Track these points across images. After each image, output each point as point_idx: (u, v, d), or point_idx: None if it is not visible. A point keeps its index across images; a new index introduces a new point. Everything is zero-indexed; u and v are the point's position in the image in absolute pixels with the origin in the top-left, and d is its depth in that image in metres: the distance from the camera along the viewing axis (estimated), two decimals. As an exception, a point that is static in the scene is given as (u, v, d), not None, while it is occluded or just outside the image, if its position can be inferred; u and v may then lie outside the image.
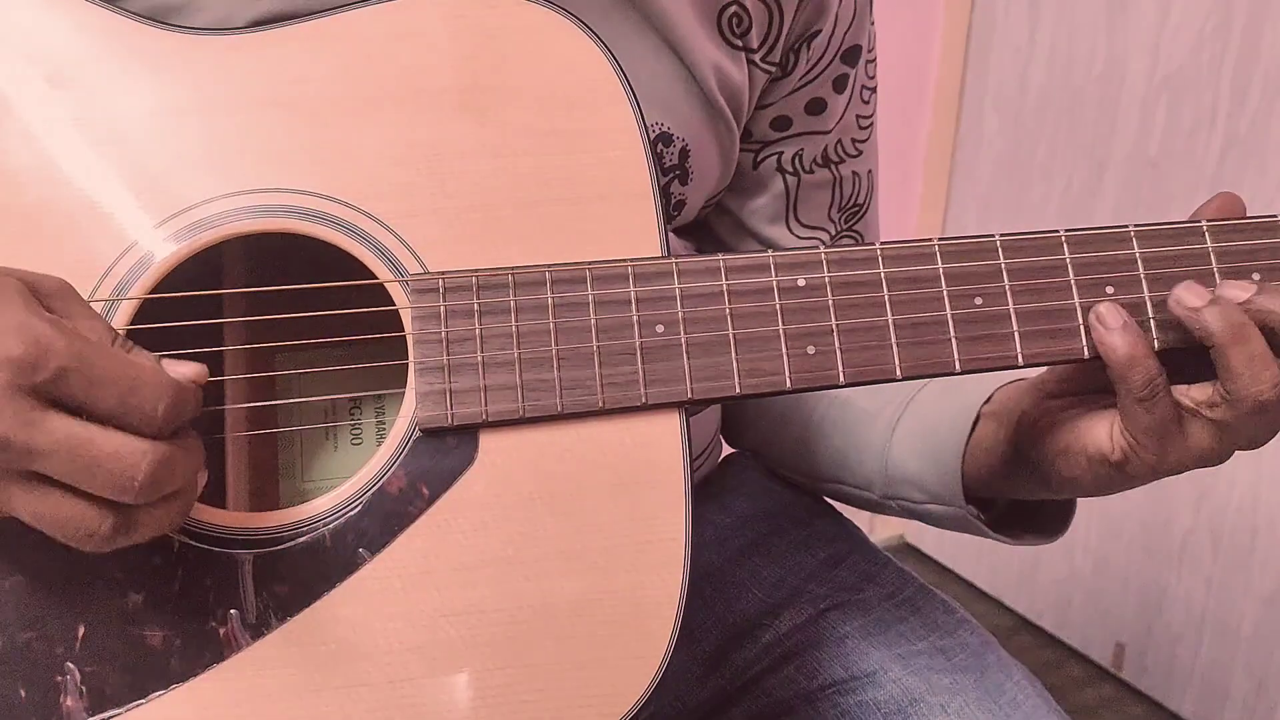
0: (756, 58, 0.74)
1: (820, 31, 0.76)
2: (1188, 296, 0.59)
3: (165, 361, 0.50)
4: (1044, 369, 0.66)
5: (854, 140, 0.82)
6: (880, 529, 2.29)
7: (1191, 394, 0.59)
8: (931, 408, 0.75)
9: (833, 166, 0.81)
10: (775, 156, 0.80)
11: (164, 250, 0.57)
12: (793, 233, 0.82)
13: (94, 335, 0.49)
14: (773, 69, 0.75)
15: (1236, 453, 0.61)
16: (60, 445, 0.46)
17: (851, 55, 0.79)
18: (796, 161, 0.80)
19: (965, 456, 0.70)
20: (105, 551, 0.49)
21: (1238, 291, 0.58)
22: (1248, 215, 0.62)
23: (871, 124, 0.83)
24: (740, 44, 0.73)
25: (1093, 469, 0.62)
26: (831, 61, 0.78)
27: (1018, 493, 0.70)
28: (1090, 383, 0.64)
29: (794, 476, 0.90)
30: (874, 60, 0.82)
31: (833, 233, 0.84)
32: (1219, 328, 0.57)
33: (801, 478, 0.89)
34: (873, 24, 0.81)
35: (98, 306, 0.56)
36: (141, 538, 0.49)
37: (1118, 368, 0.58)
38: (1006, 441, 0.68)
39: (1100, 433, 0.61)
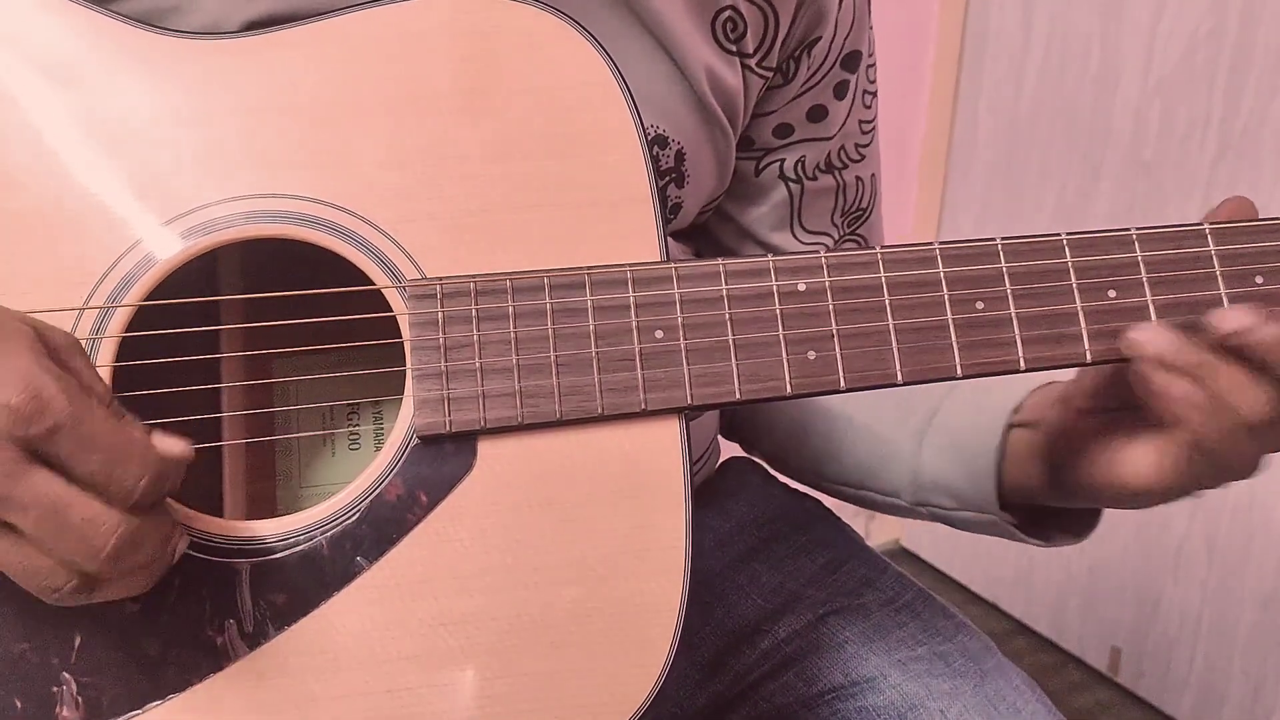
0: (752, 63, 0.74)
1: (820, 38, 0.76)
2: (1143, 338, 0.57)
3: (155, 437, 0.49)
4: (1070, 381, 0.66)
5: (856, 145, 0.82)
6: (877, 534, 2.29)
7: None
8: (962, 416, 0.74)
9: (835, 172, 0.81)
10: (778, 164, 0.80)
11: (160, 255, 0.57)
12: (797, 239, 0.82)
13: (93, 397, 0.48)
14: (770, 74, 0.75)
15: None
16: (37, 502, 0.46)
17: (852, 61, 0.79)
18: (799, 169, 0.80)
19: (1001, 465, 0.70)
20: (65, 606, 0.49)
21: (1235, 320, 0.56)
22: (1250, 219, 0.62)
23: (873, 128, 0.83)
24: (735, 49, 0.72)
25: (1128, 495, 0.61)
26: (832, 68, 0.78)
27: (1052, 503, 0.69)
28: (1117, 397, 0.63)
29: (816, 483, 0.89)
30: (874, 65, 0.82)
31: (836, 238, 0.83)
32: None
33: (824, 484, 0.88)
34: (871, 29, 0.81)
35: (92, 314, 0.56)
36: (103, 599, 0.49)
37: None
38: (1041, 462, 0.67)
39: (1130, 466, 0.60)
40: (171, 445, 0.49)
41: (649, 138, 0.69)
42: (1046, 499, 0.69)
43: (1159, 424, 0.58)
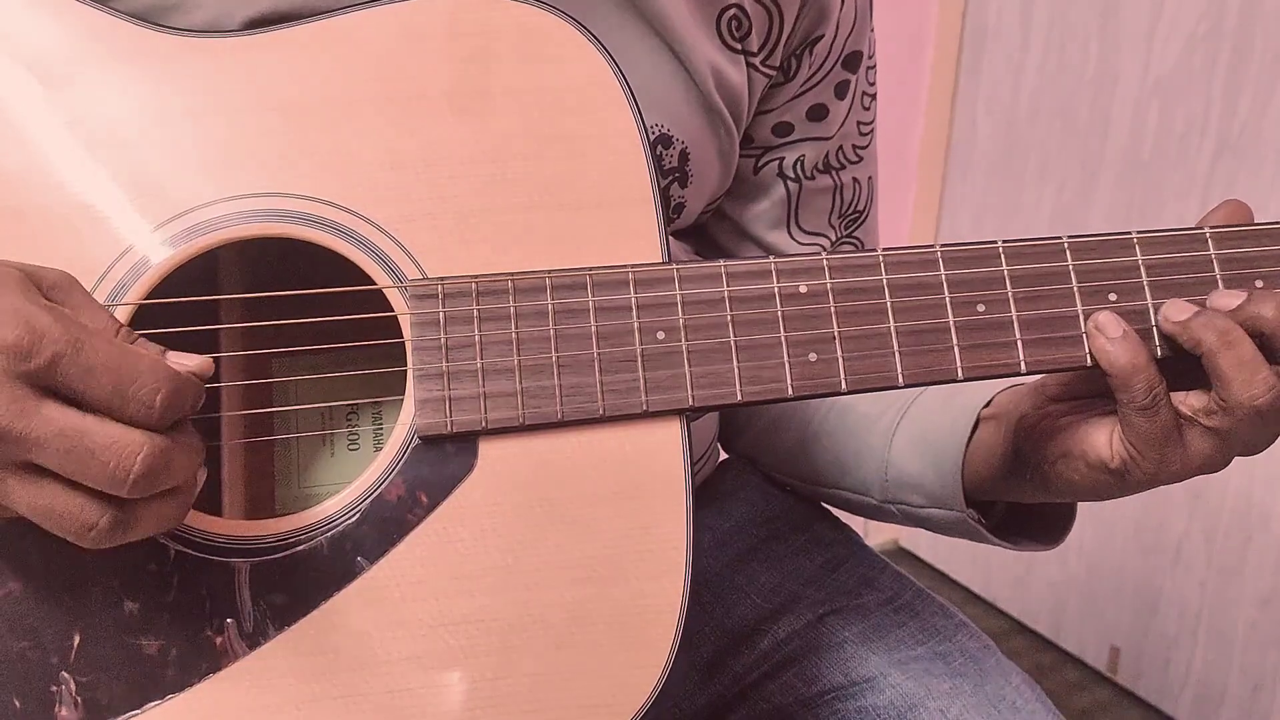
0: (756, 61, 0.74)
1: (822, 37, 0.76)
2: (1173, 311, 0.59)
3: (170, 354, 0.49)
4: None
5: (855, 146, 0.82)
6: (875, 533, 2.29)
7: (1189, 401, 0.59)
8: (932, 411, 0.75)
9: (833, 173, 0.81)
10: (777, 162, 0.80)
11: (160, 255, 0.56)
12: (793, 238, 0.82)
13: (95, 325, 0.48)
14: (773, 73, 0.75)
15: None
16: (55, 434, 0.45)
17: (853, 61, 0.79)
18: (798, 167, 0.80)
19: (965, 460, 0.70)
20: (103, 548, 0.48)
21: (1227, 300, 0.59)
22: (1251, 222, 0.62)
23: (872, 130, 0.83)
24: (740, 47, 0.72)
25: (1092, 475, 0.62)
26: (833, 68, 0.78)
27: (1016, 496, 0.70)
28: (1091, 387, 0.64)
29: (790, 482, 0.89)
30: (874, 66, 0.82)
31: (833, 239, 0.83)
32: (1206, 336, 0.57)
33: (799, 483, 0.88)
34: (873, 30, 0.81)
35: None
36: (140, 534, 0.49)
37: (1119, 377, 0.58)
38: (1006, 444, 0.68)
39: (1100, 440, 0.61)
40: (187, 359, 0.49)
41: (653, 137, 0.69)
42: (1003, 490, 0.70)
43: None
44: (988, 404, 0.71)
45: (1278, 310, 0.57)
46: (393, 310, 0.57)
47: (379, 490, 0.56)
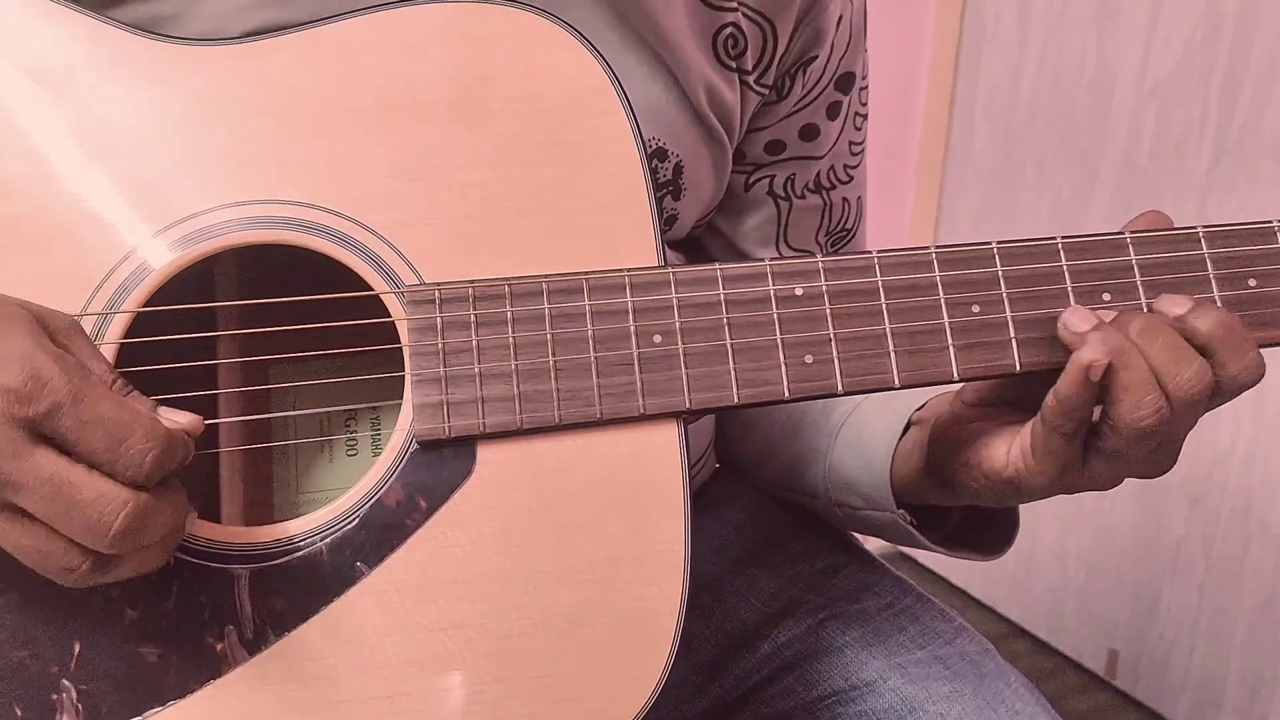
0: (750, 79, 0.74)
1: (816, 57, 0.76)
2: (1074, 320, 0.58)
3: (161, 410, 0.50)
4: None
5: (845, 166, 0.82)
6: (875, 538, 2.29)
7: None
8: (870, 413, 0.76)
9: (824, 192, 0.82)
10: (768, 180, 0.80)
11: (158, 262, 0.57)
12: (781, 255, 0.82)
13: (94, 375, 0.48)
14: (766, 91, 0.75)
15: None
16: (43, 482, 0.46)
17: (845, 82, 0.79)
18: (788, 186, 0.80)
19: (894, 462, 0.71)
20: (84, 587, 0.49)
21: (1171, 305, 0.58)
22: (1244, 221, 0.62)
23: (862, 150, 0.84)
24: (734, 65, 0.73)
25: (988, 484, 0.63)
26: (826, 88, 0.78)
27: (935, 499, 0.71)
28: (1003, 395, 0.65)
29: (759, 485, 0.90)
30: (866, 87, 0.83)
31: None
32: (1100, 353, 0.56)
33: (763, 486, 0.89)
34: (866, 52, 0.81)
35: (90, 320, 0.56)
36: (121, 577, 0.49)
37: (1064, 404, 0.57)
38: (924, 448, 0.68)
39: (997, 452, 0.62)
40: (179, 417, 0.50)
41: (649, 150, 0.69)
42: (924, 493, 0.70)
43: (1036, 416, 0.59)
44: (921, 407, 0.72)
45: (1214, 324, 0.57)
46: (390, 316, 0.57)
47: (377, 495, 0.56)
